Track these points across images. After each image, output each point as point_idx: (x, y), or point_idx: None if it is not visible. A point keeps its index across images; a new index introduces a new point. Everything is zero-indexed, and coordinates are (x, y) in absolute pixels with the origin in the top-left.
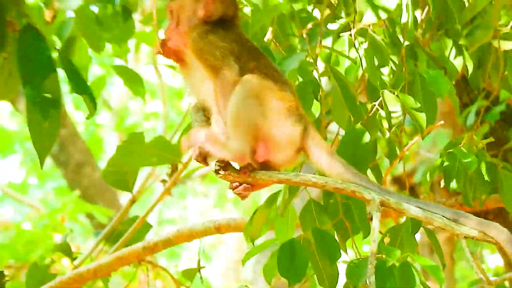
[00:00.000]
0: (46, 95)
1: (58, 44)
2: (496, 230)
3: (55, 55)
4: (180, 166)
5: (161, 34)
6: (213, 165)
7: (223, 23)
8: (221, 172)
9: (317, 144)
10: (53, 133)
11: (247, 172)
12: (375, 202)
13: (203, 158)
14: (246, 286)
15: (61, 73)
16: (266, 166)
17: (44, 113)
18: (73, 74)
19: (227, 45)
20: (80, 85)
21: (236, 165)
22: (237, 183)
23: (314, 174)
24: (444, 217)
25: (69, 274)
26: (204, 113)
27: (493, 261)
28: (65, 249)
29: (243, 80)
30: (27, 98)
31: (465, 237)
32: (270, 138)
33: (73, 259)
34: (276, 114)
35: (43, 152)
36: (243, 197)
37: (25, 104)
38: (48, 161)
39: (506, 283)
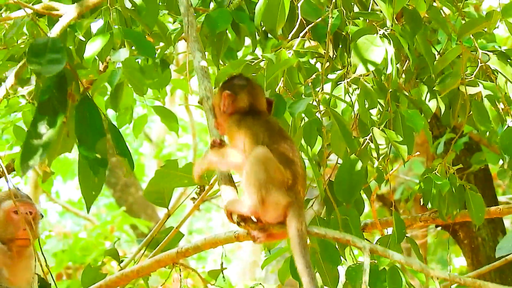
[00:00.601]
0: (97, 155)
1: (109, 89)
2: None
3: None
4: (206, 187)
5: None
6: (235, 218)
7: (253, 112)
8: (242, 223)
9: (292, 221)
10: (99, 186)
11: (262, 223)
12: (365, 249)
13: (230, 214)
14: (260, 283)
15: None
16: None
17: (95, 170)
18: (118, 138)
19: (254, 131)
20: (122, 148)
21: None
22: (253, 231)
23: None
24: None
25: (117, 274)
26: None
27: (458, 262)
28: (114, 254)
29: (254, 149)
30: (80, 157)
31: (437, 278)
32: (263, 201)
33: (120, 261)
34: (272, 183)
35: (90, 201)
36: (257, 241)
37: (78, 161)
38: None
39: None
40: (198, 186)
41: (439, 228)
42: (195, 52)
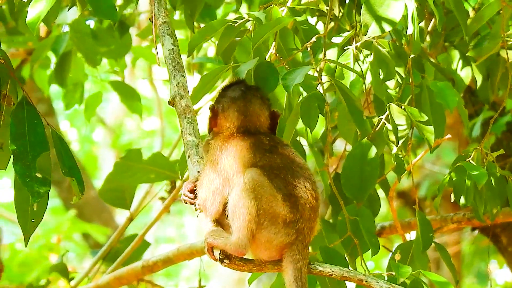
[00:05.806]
0: (37, 174)
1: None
2: None
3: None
4: (178, 183)
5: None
6: (217, 255)
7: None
8: (226, 261)
9: (290, 266)
10: (41, 213)
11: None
12: None
13: (211, 249)
14: None
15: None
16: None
17: (34, 194)
18: (64, 152)
19: (240, 156)
20: (69, 165)
21: None
22: None
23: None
24: None
25: None
26: None
27: (501, 275)
28: (62, 270)
29: (245, 172)
30: (16, 176)
31: None
32: (254, 237)
33: (69, 279)
34: (264, 216)
35: (28, 231)
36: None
37: (14, 181)
38: None
39: None
40: (168, 182)
41: (476, 232)
42: (164, 37)
